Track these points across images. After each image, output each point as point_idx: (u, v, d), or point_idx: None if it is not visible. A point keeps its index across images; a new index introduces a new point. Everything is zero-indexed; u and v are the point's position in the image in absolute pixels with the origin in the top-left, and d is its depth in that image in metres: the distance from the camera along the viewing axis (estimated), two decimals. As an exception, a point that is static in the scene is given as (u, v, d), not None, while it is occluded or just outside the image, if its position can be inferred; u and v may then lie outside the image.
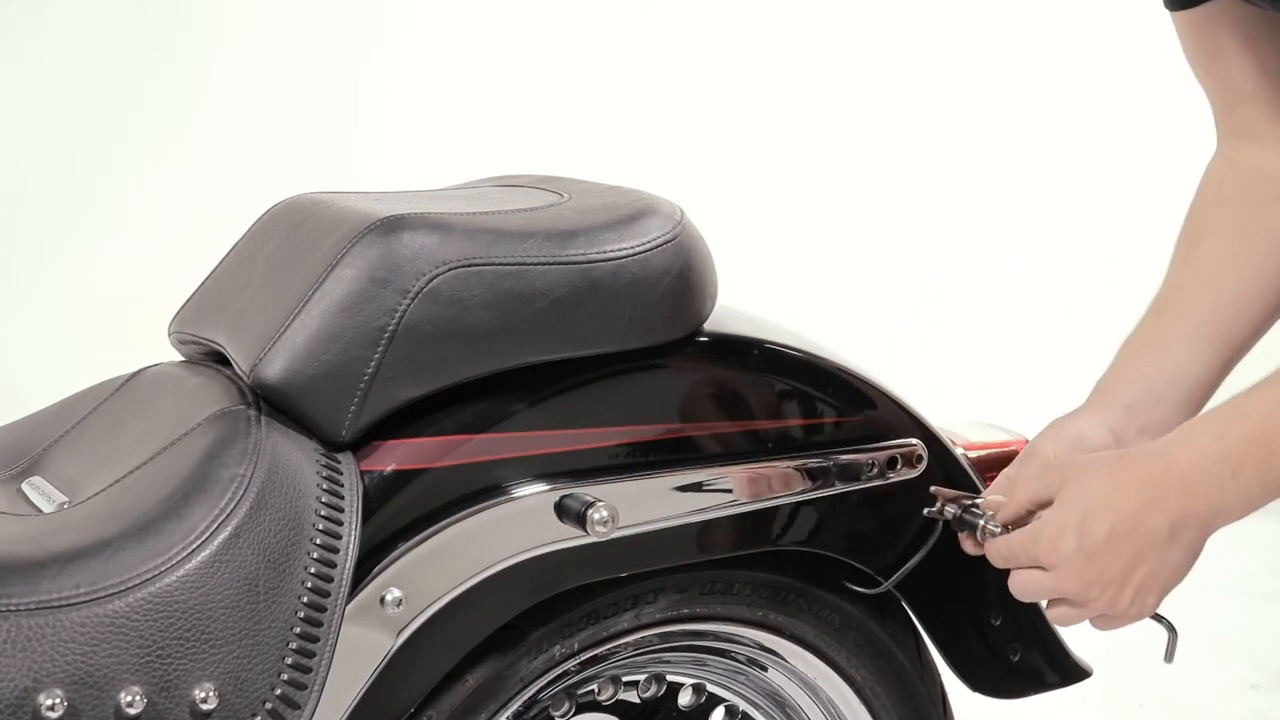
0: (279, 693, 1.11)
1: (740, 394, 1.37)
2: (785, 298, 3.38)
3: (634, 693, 1.48)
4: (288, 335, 1.23)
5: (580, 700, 1.44)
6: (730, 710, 1.53)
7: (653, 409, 1.33)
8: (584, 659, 1.36)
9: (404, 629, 1.23)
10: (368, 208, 1.29)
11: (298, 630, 1.13)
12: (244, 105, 4.66)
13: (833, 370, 1.41)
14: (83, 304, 4.47)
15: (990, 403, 3.24)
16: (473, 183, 1.56)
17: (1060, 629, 1.52)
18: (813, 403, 1.39)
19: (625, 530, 1.28)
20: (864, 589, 1.44)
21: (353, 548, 1.17)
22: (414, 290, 1.23)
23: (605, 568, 1.32)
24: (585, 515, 1.24)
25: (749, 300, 1.49)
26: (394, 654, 1.23)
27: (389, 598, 1.22)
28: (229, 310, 1.34)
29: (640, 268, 1.30)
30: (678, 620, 1.39)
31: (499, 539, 1.26)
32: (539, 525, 1.27)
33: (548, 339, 1.27)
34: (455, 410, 1.26)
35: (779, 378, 1.38)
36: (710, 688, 1.51)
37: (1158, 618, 1.30)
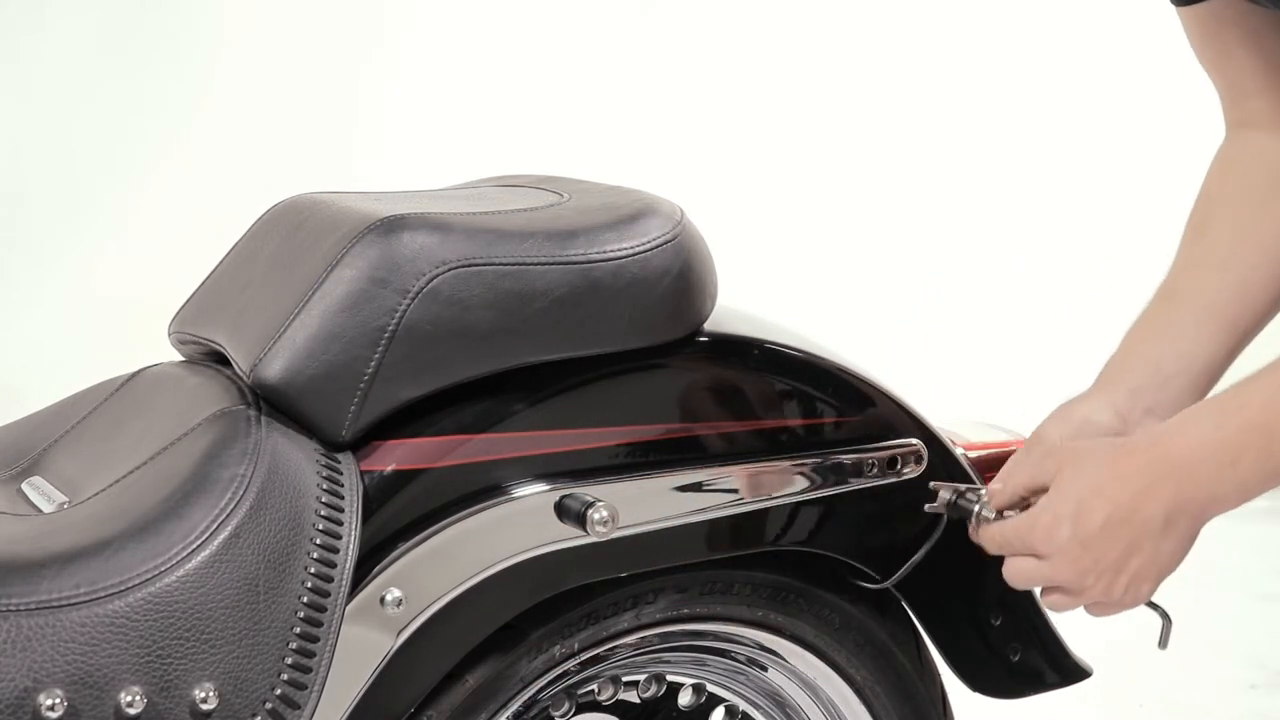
0: (279, 693, 1.11)
1: (740, 394, 1.37)
2: (785, 298, 3.38)
3: (634, 693, 1.48)
4: (288, 335, 1.23)
5: (580, 700, 1.44)
6: (730, 710, 1.53)
7: (653, 409, 1.33)
8: (584, 659, 1.36)
9: (404, 629, 1.23)
10: (368, 208, 1.29)
11: (298, 630, 1.13)
12: (244, 105, 4.66)
13: (833, 370, 1.41)
14: (83, 304, 4.46)
15: (990, 403, 3.24)
16: (473, 183, 1.56)
17: (1060, 630, 1.52)
18: (813, 403, 1.39)
19: (625, 530, 1.28)
20: (866, 584, 1.44)
21: (353, 548, 1.17)
22: (414, 290, 1.23)
23: (605, 568, 1.32)
24: (585, 515, 1.24)
25: (749, 300, 1.49)
26: (394, 654, 1.23)
27: (389, 598, 1.22)
28: (229, 310, 1.34)
29: (640, 268, 1.30)
30: (678, 620, 1.39)
31: (499, 539, 1.26)
32: (539, 525, 1.27)
33: (548, 339, 1.27)
34: (455, 410, 1.26)
35: (779, 378, 1.38)
36: (710, 688, 1.51)
37: (1152, 605, 1.30)
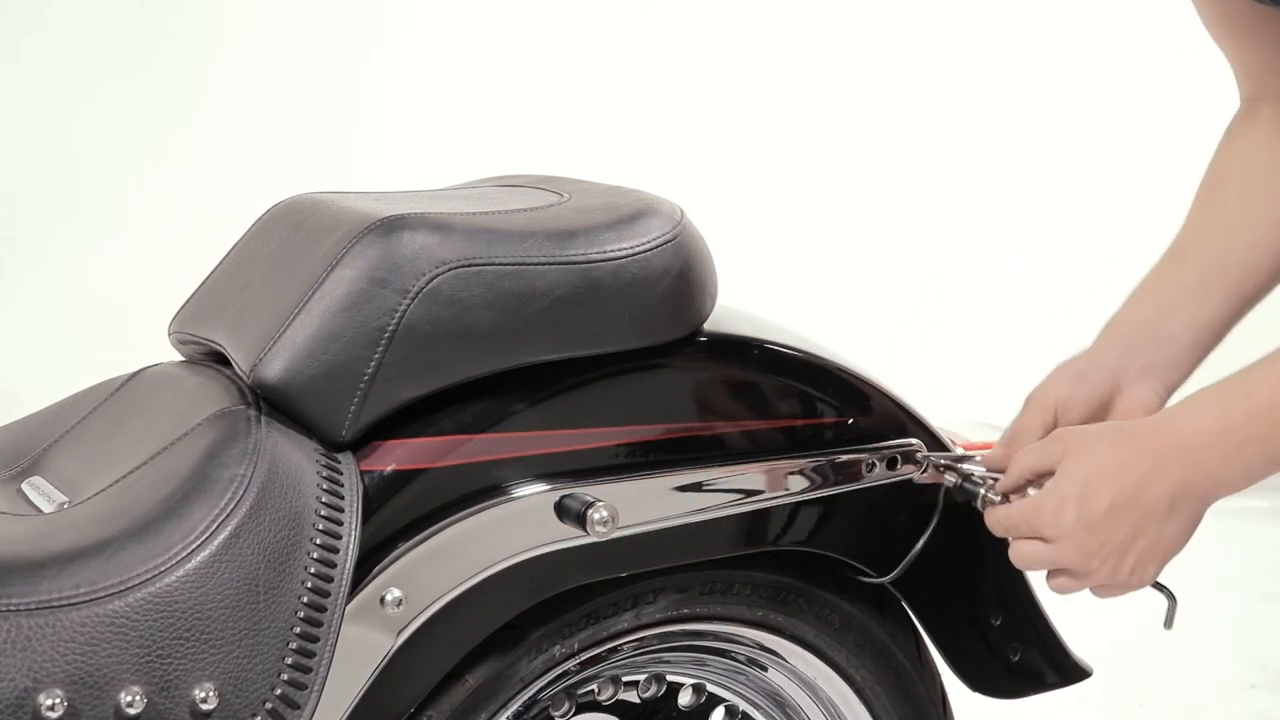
0: (279, 693, 1.11)
1: (740, 394, 1.37)
2: (785, 298, 3.38)
3: (634, 693, 1.48)
4: (288, 335, 1.23)
5: (580, 700, 1.44)
6: (730, 710, 1.53)
7: (653, 409, 1.33)
8: (584, 659, 1.36)
9: (404, 629, 1.23)
10: (368, 208, 1.29)
11: (298, 630, 1.13)
12: (244, 105, 4.66)
13: (833, 370, 1.41)
14: (83, 304, 4.47)
15: (990, 403, 3.24)
16: (473, 183, 1.55)
17: (1060, 630, 1.52)
18: (813, 403, 1.39)
19: (625, 530, 1.28)
20: (865, 579, 1.44)
21: (353, 548, 1.17)
22: (414, 290, 1.23)
23: (605, 568, 1.32)
24: (585, 515, 1.24)
25: (749, 300, 1.49)
26: (394, 654, 1.22)
27: (389, 598, 1.22)
28: (229, 310, 1.34)
29: (640, 268, 1.30)
30: (678, 620, 1.39)
31: (499, 539, 1.26)
32: (539, 525, 1.27)
33: (548, 339, 1.27)
34: (455, 410, 1.26)
35: (779, 378, 1.38)
36: (710, 688, 1.51)
37: (1158, 586, 1.31)
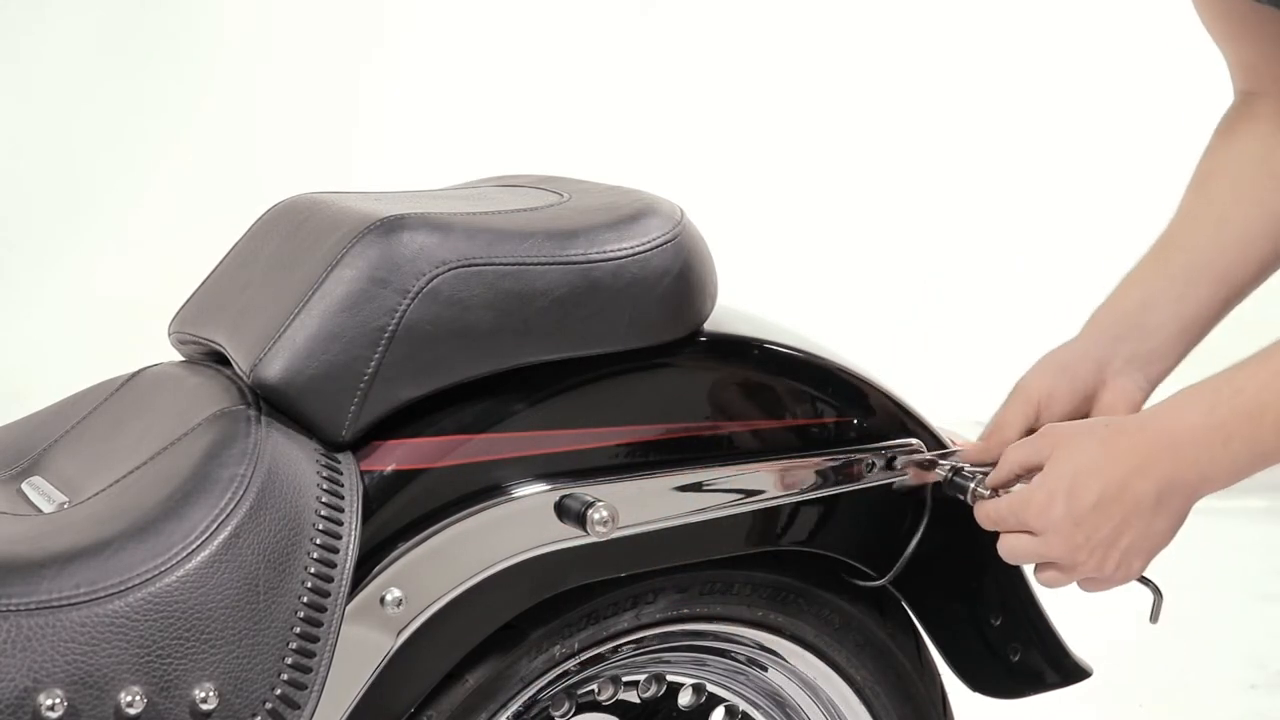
0: (279, 693, 1.11)
1: (740, 394, 1.37)
2: (785, 298, 3.38)
3: (634, 693, 1.48)
4: (288, 335, 1.23)
5: (580, 700, 1.44)
6: (730, 710, 1.53)
7: (653, 409, 1.33)
8: (584, 659, 1.36)
9: (404, 629, 1.23)
10: (368, 208, 1.29)
11: (298, 630, 1.13)
12: (244, 105, 4.66)
13: (833, 370, 1.41)
14: (83, 304, 4.47)
15: (990, 403, 3.24)
16: (473, 183, 1.55)
17: (1059, 630, 1.52)
18: (813, 403, 1.39)
19: (625, 530, 1.28)
20: (863, 582, 1.44)
21: (353, 548, 1.17)
22: (414, 290, 1.23)
23: (605, 568, 1.32)
24: (585, 515, 1.24)
25: (749, 300, 1.49)
26: (394, 654, 1.22)
27: (389, 598, 1.22)
28: (229, 310, 1.34)
29: (640, 268, 1.30)
30: (678, 620, 1.39)
31: (499, 539, 1.26)
32: (539, 525, 1.27)
33: (548, 339, 1.27)
34: (455, 410, 1.26)
35: (779, 378, 1.38)
36: (710, 688, 1.51)
37: (1144, 580, 1.32)
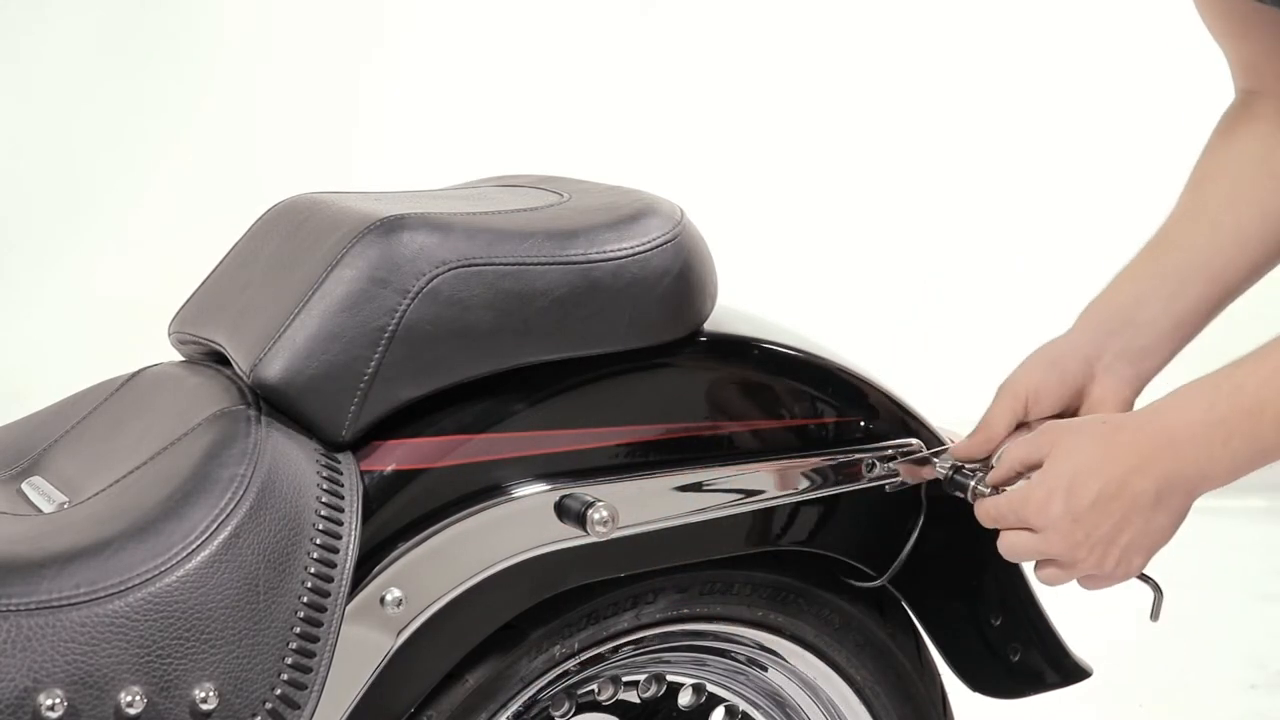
0: (279, 693, 1.11)
1: (740, 394, 1.37)
2: (785, 298, 3.38)
3: (634, 693, 1.48)
4: (288, 335, 1.23)
5: (580, 700, 1.44)
6: (730, 710, 1.53)
7: (653, 409, 1.33)
8: (584, 659, 1.36)
9: (404, 629, 1.23)
10: (368, 208, 1.29)
11: (298, 630, 1.13)
12: (244, 105, 4.66)
13: (833, 370, 1.41)
14: (83, 304, 4.46)
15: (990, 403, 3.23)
16: (473, 183, 1.56)
17: (1060, 630, 1.52)
18: (813, 403, 1.39)
19: (625, 530, 1.28)
20: (862, 583, 1.44)
21: (353, 548, 1.17)
22: (414, 290, 1.23)
23: (605, 568, 1.32)
24: (585, 515, 1.24)
25: (749, 300, 1.49)
26: (394, 654, 1.23)
27: (389, 598, 1.22)
28: (229, 310, 1.34)
29: (640, 268, 1.30)
30: (678, 620, 1.39)
31: (499, 539, 1.26)
32: (539, 525, 1.27)
33: (548, 339, 1.27)
34: (455, 410, 1.26)
35: (779, 378, 1.38)
36: (710, 688, 1.51)
37: (1144, 577, 1.32)
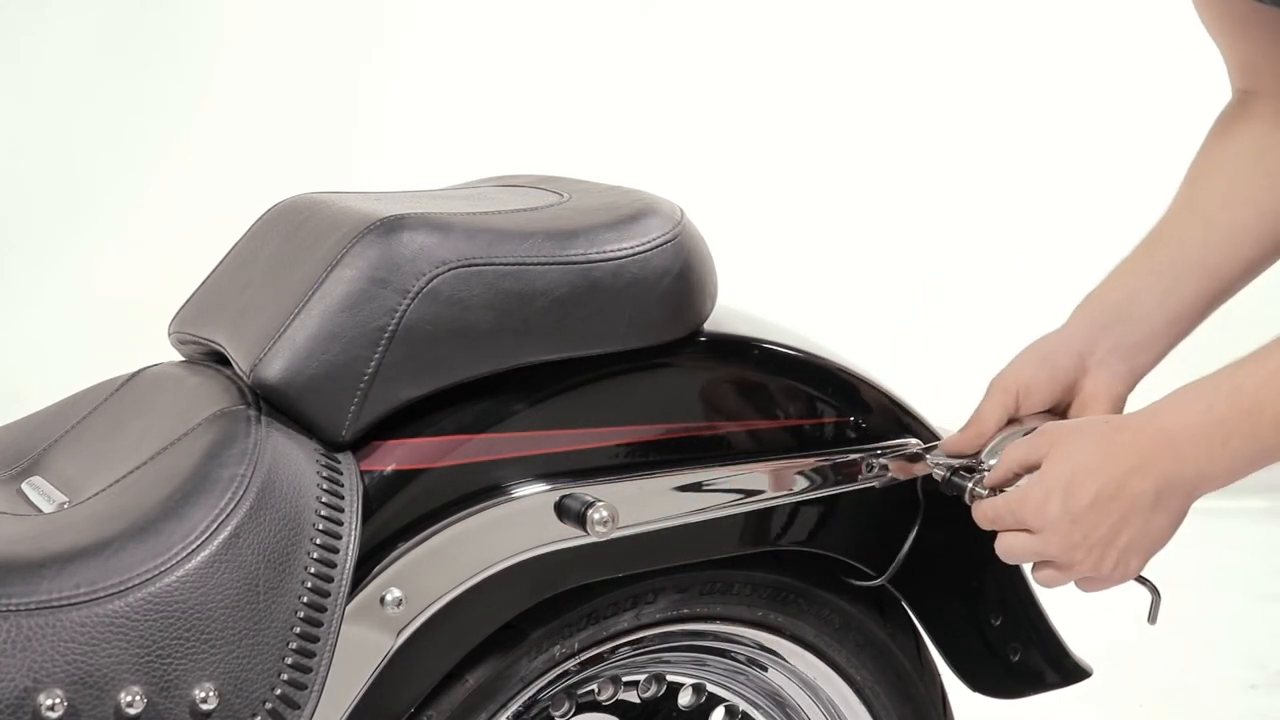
0: (279, 693, 1.11)
1: (740, 394, 1.37)
2: (785, 298, 3.38)
3: (634, 693, 1.48)
4: (288, 335, 1.23)
5: (580, 700, 1.44)
6: (730, 710, 1.53)
7: (653, 409, 1.33)
8: (584, 659, 1.36)
9: (404, 629, 1.23)
10: (368, 208, 1.29)
11: (298, 630, 1.13)
12: (244, 105, 4.66)
13: (833, 370, 1.41)
14: (83, 304, 4.46)
15: (990, 403, 3.22)
16: (473, 183, 1.56)
17: (1059, 630, 1.52)
18: (813, 403, 1.39)
19: (625, 530, 1.28)
20: (862, 583, 1.44)
21: (353, 548, 1.17)
22: (414, 290, 1.23)
23: (605, 568, 1.32)
24: (585, 515, 1.24)
25: (749, 300, 1.49)
26: (394, 654, 1.23)
27: (389, 598, 1.22)
28: (229, 310, 1.34)
29: (640, 268, 1.30)
30: (678, 620, 1.39)
31: (499, 539, 1.26)
32: (539, 525, 1.27)
33: (548, 339, 1.27)
34: (455, 410, 1.26)
35: (779, 378, 1.38)
36: (710, 688, 1.51)
37: (1142, 580, 1.31)
